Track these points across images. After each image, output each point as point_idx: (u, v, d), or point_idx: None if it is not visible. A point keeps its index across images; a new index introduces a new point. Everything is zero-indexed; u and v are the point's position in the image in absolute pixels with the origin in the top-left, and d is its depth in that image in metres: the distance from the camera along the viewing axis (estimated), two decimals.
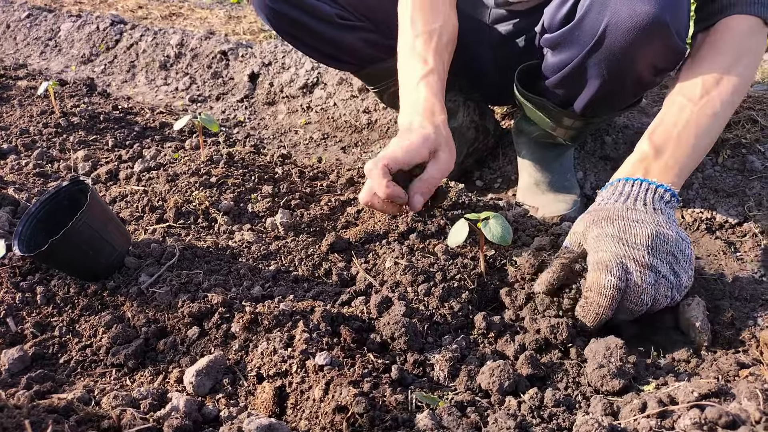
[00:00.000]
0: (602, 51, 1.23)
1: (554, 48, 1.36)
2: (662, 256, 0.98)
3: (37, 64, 3.35)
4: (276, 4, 1.50)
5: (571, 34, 1.27)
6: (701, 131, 1.12)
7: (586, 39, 1.24)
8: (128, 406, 0.85)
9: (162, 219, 1.41)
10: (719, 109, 1.13)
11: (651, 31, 1.14)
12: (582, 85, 1.37)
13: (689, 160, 1.11)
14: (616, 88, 1.33)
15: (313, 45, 1.62)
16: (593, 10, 1.20)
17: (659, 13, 1.12)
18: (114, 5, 4.07)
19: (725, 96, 1.13)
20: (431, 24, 1.32)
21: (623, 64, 1.24)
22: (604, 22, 1.18)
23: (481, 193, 1.84)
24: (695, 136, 1.11)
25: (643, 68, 1.26)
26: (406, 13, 1.35)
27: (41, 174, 1.70)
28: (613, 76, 1.28)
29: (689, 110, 1.13)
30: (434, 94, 1.25)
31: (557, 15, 1.30)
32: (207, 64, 2.90)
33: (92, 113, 2.12)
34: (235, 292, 1.11)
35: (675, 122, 1.13)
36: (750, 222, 1.58)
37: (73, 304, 1.13)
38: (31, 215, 1.18)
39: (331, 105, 2.45)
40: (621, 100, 1.46)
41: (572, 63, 1.31)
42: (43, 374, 0.96)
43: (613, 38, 1.19)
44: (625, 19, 1.15)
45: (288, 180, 1.59)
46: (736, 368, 0.90)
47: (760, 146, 1.69)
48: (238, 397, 0.91)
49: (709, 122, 1.13)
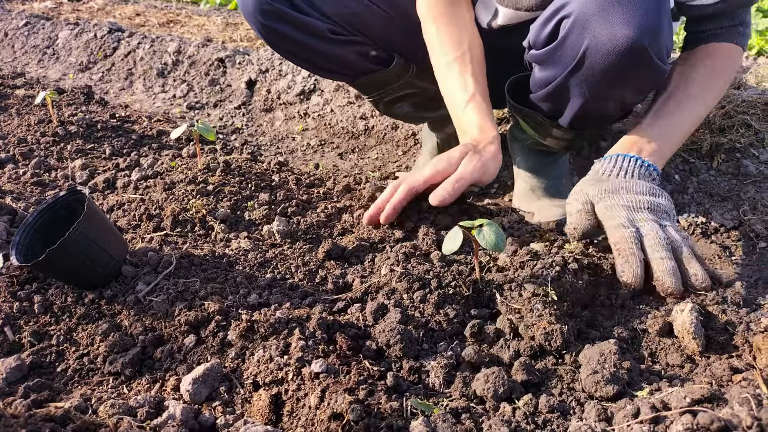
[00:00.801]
0: (583, 72, 1.25)
1: (539, 64, 1.38)
2: (659, 215, 1.17)
3: (35, 73, 3.36)
4: (268, 20, 1.49)
5: (554, 54, 1.29)
6: (685, 128, 1.37)
7: (568, 60, 1.26)
8: (125, 414, 0.86)
9: (159, 227, 1.41)
10: (701, 107, 1.37)
11: (630, 55, 1.16)
12: (566, 101, 1.39)
13: (672, 145, 1.35)
14: (599, 106, 1.36)
15: (307, 58, 1.62)
16: (574, 32, 1.22)
17: (638, 37, 1.13)
18: (111, 13, 4.09)
19: (707, 98, 1.37)
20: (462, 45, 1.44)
21: (604, 85, 1.26)
22: (584, 45, 1.20)
23: (478, 199, 1.84)
24: (679, 127, 1.34)
25: (624, 89, 1.29)
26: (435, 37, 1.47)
27: (39, 183, 1.70)
28: (594, 95, 1.30)
29: (679, 109, 1.33)
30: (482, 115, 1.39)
31: (542, 33, 1.31)
32: (204, 71, 2.91)
33: (90, 122, 2.13)
34: (232, 300, 1.12)
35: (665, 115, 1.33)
36: (745, 226, 1.58)
37: (70, 313, 1.14)
38: (28, 225, 1.18)
39: (328, 111, 2.46)
40: (606, 117, 1.49)
41: (555, 81, 1.34)
42: (41, 383, 0.96)
43: (593, 60, 1.21)
44: (605, 42, 1.16)
45: (285, 187, 1.59)
46: (730, 373, 0.91)
47: (754, 150, 1.70)
48: (235, 405, 0.92)
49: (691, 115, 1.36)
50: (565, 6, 1.23)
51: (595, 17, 1.17)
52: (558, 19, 1.26)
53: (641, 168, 1.24)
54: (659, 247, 1.10)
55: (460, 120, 1.42)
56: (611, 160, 1.26)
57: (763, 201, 1.62)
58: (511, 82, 1.54)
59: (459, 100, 1.41)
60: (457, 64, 1.42)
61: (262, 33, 1.53)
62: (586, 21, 1.18)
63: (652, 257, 1.10)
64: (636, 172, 1.23)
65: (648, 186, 1.20)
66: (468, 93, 1.39)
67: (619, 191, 1.19)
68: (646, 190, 1.20)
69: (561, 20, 1.25)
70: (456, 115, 1.43)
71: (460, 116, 1.41)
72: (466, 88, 1.40)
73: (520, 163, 1.70)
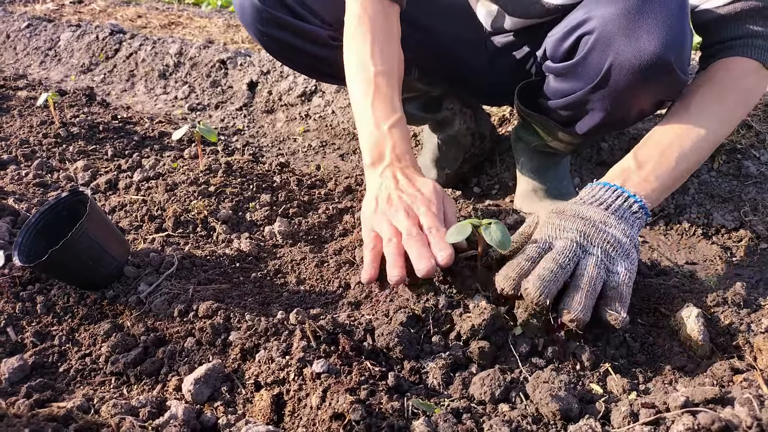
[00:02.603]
0: (606, 88, 1.24)
1: (557, 76, 1.36)
2: (595, 243, 0.99)
3: (37, 74, 3.37)
4: (267, 28, 1.46)
5: (574, 69, 1.28)
6: (684, 152, 1.14)
7: (590, 76, 1.25)
8: (127, 414, 0.86)
9: (161, 228, 1.42)
10: (704, 135, 1.16)
11: (655, 70, 1.15)
12: (584, 113, 1.37)
13: (669, 178, 1.13)
14: (619, 118, 1.34)
15: (307, 65, 1.60)
16: (597, 49, 1.20)
17: (663, 53, 1.12)
18: (113, 15, 4.10)
19: (712, 124, 1.17)
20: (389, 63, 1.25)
21: (627, 100, 1.25)
22: (608, 62, 1.19)
23: (479, 200, 1.85)
24: (678, 155, 1.14)
25: (646, 102, 1.27)
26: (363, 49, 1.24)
27: (41, 184, 1.71)
28: (616, 109, 1.29)
29: (675, 132, 1.16)
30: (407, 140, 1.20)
31: (560, 47, 1.30)
32: (206, 73, 2.91)
33: (92, 123, 2.13)
34: (234, 300, 1.12)
35: (659, 141, 1.17)
36: (746, 227, 1.59)
37: (72, 313, 1.14)
38: (30, 226, 1.19)
39: (329, 113, 2.46)
40: (623, 126, 1.48)
41: (576, 95, 1.32)
42: (43, 383, 0.96)
43: (617, 77, 1.20)
44: (630, 59, 1.15)
45: (286, 188, 1.60)
46: (731, 374, 0.91)
47: (755, 151, 1.71)
48: (236, 405, 0.92)
49: (693, 145, 1.15)
50: (587, 22, 1.21)
51: (619, 34, 1.15)
52: (578, 36, 1.24)
53: (618, 199, 1.07)
54: (551, 260, 0.95)
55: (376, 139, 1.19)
56: (590, 190, 1.11)
57: (764, 202, 1.62)
58: (521, 88, 1.53)
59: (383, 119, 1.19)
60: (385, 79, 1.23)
61: (261, 41, 1.51)
62: (609, 38, 1.17)
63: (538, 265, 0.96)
64: (613, 203, 1.06)
65: (603, 214, 1.03)
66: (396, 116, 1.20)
67: (564, 212, 1.06)
68: (599, 218, 1.03)
69: (581, 36, 1.23)
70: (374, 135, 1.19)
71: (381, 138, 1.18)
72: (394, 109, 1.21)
73: (524, 164, 1.71)
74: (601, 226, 1.01)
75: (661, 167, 1.12)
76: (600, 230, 1.01)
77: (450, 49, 1.66)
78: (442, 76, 1.74)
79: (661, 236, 1.63)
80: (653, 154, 1.14)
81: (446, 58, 1.68)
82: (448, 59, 1.69)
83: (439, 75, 1.74)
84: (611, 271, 0.98)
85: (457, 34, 1.65)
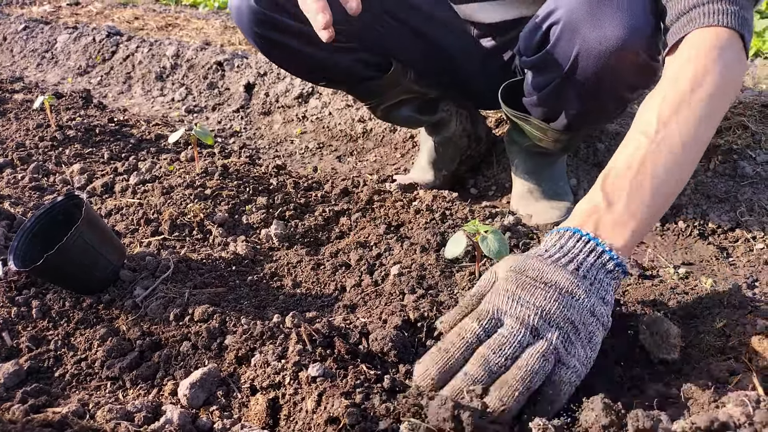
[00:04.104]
0: (577, 75, 1.25)
1: (532, 69, 1.38)
2: (556, 322, 0.81)
3: (33, 77, 3.37)
4: (264, 30, 1.46)
5: (546, 59, 1.30)
6: (659, 172, 0.90)
7: (560, 66, 1.27)
8: (122, 419, 0.86)
9: (157, 232, 1.42)
10: (680, 144, 0.92)
11: (621, 55, 1.16)
12: (562, 105, 1.39)
13: (648, 209, 0.90)
14: (596, 106, 1.36)
15: (304, 67, 1.60)
16: (564, 38, 1.23)
17: (627, 37, 1.13)
18: (110, 17, 4.09)
19: (687, 128, 0.92)
20: None
21: (599, 87, 1.27)
22: (575, 50, 1.21)
23: (476, 201, 1.85)
24: (652, 179, 0.90)
25: (619, 88, 1.29)
26: None
27: (37, 188, 1.71)
28: (590, 97, 1.31)
29: (644, 149, 0.92)
30: None
31: (532, 40, 1.32)
32: (203, 75, 2.91)
33: (88, 126, 2.13)
34: (229, 304, 1.12)
35: (629, 165, 0.92)
36: (742, 227, 1.59)
37: (68, 317, 1.14)
38: (26, 230, 1.19)
39: (326, 114, 2.46)
40: (603, 116, 1.49)
41: (550, 86, 1.34)
42: (39, 388, 0.96)
43: (585, 65, 1.21)
44: (595, 45, 1.17)
45: (282, 191, 1.60)
46: (726, 375, 0.91)
47: (751, 152, 1.71)
48: (232, 409, 0.92)
49: (668, 160, 0.91)
50: (553, 12, 1.24)
51: (584, 21, 1.18)
52: (547, 26, 1.27)
53: (590, 254, 0.87)
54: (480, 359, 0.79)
55: None
56: (558, 239, 0.90)
57: (760, 202, 1.62)
58: (505, 88, 1.54)
59: None
60: None
61: (257, 43, 1.51)
62: (574, 26, 1.19)
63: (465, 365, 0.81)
64: (582, 260, 0.86)
65: (570, 281, 0.83)
66: None
67: (525, 271, 0.86)
68: (566, 286, 0.83)
69: (550, 27, 1.26)
70: None
71: None
72: None
73: (518, 165, 1.71)
74: (567, 299, 0.82)
75: (635, 200, 0.90)
76: (564, 306, 0.82)
77: (445, 52, 1.67)
78: (438, 79, 1.75)
79: (658, 236, 1.63)
80: (623, 184, 0.91)
81: (441, 61, 1.69)
82: (443, 62, 1.70)
83: (436, 78, 1.74)
84: (562, 362, 0.80)
85: (449, 38, 1.66)
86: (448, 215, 1.43)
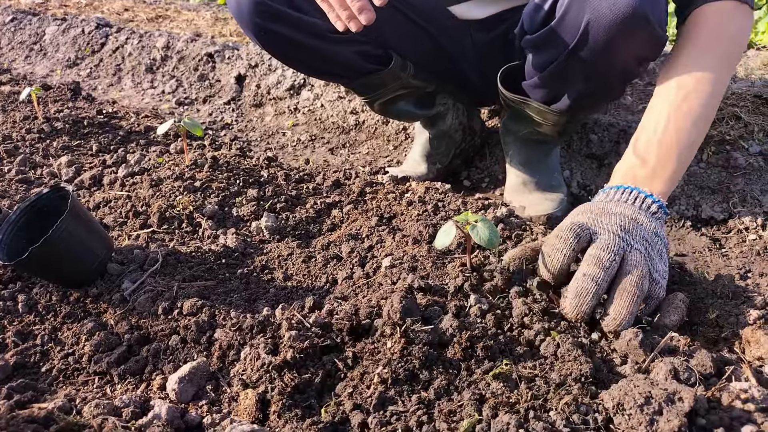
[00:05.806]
0: (586, 48, 1.23)
1: (536, 48, 1.36)
2: (636, 238, 0.98)
3: (21, 69, 3.32)
4: (265, 21, 1.42)
5: (552, 34, 1.28)
6: (683, 135, 1.11)
7: (568, 38, 1.25)
8: (110, 414, 0.85)
9: (146, 224, 1.40)
10: (700, 111, 1.11)
11: (632, 23, 1.15)
12: (566, 82, 1.38)
13: (676, 165, 1.10)
14: (601, 82, 1.34)
15: (304, 60, 1.56)
16: (573, 9, 1.21)
17: (639, 5, 1.13)
18: (99, 8, 4.04)
19: (704, 96, 1.12)
20: None
21: (607, 58, 1.25)
22: (585, 19, 1.19)
23: (469, 193, 1.84)
24: (677, 141, 1.10)
25: (626, 60, 1.27)
26: None
27: (24, 180, 1.68)
28: (597, 70, 1.29)
29: (668, 115, 1.12)
30: None
31: (537, 17, 1.31)
32: (193, 67, 2.88)
33: (76, 118, 2.10)
34: (219, 297, 1.11)
35: (655, 129, 1.12)
36: (735, 218, 1.59)
37: (55, 311, 1.12)
38: (11, 223, 1.17)
39: (318, 106, 2.44)
40: (606, 94, 1.46)
41: (556, 62, 1.32)
42: (24, 384, 0.95)
43: (595, 34, 1.20)
44: (606, 13, 1.16)
45: (273, 183, 1.58)
46: (720, 365, 0.91)
47: (743, 143, 1.70)
48: (221, 404, 0.91)
49: (689, 125, 1.11)
50: None
51: None
52: (553, 1, 1.26)
53: (636, 200, 1.06)
54: (593, 260, 0.95)
55: None
56: (605, 195, 1.10)
57: (752, 193, 1.62)
58: (504, 73, 1.53)
59: None
60: None
61: (257, 35, 1.46)
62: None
63: (579, 268, 0.97)
64: (635, 202, 1.06)
65: (632, 210, 1.03)
66: None
67: (591, 210, 1.06)
68: (630, 214, 1.03)
69: (556, 1, 1.25)
70: None
71: None
72: None
73: (513, 156, 1.70)
74: (634, 223, 0.99)
75: (664, 155, 1.09)
76: (634, 227, 0.98)
77: (443, 46, 1.66)
78: (436, 73, 1.73)
79: None
80: (652, 143, 1.11)
81: (440, 56, 1.68)
82: (441, 56, 1.68)
83: (434, 72, 1.73)
84: (652, 277, 0.97)
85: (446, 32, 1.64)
86: (440, 207, 1.42)
